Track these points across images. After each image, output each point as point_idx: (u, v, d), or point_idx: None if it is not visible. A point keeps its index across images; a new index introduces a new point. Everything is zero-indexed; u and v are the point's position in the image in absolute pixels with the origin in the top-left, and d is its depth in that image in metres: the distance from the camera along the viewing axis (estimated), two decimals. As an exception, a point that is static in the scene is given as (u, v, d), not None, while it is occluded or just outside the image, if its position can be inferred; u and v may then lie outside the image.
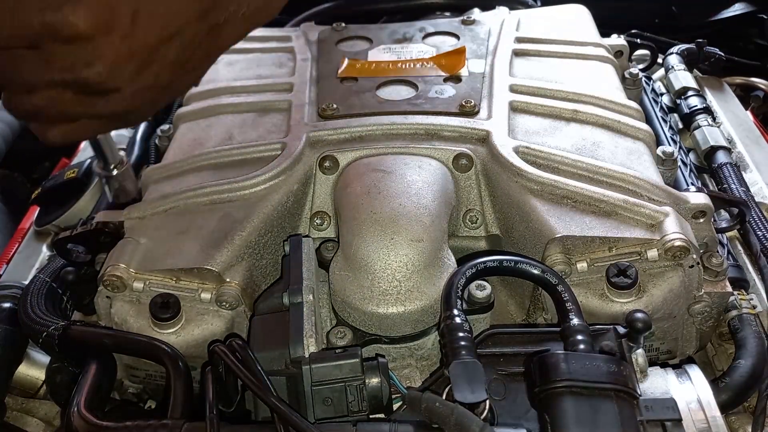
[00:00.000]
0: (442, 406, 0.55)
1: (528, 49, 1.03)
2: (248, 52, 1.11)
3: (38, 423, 0.82)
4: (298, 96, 0.96)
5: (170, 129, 1.04)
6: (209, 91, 1.02)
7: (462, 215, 0.82)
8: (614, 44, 1.09)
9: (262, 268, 0.78)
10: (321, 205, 0.83)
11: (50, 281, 0.82)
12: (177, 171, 0.87)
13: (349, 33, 1.13)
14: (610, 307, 0.71)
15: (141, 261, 0.74)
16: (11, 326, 0.79)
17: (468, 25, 1.11)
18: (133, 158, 1.09)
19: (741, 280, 0.81)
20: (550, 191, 0.76)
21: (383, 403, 0.61)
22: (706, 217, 0.76)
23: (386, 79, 0.98)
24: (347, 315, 0.70)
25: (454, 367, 0.58)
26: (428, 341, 0.71)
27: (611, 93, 0.93)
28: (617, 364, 0.59)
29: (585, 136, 0.85)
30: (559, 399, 0.56)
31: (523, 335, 0.66)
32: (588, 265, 0.71)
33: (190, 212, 0.80)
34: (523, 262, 0.68)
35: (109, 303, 0.74)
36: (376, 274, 0.69)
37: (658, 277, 0.71)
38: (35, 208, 1.06)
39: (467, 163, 0.82)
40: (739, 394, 0.70)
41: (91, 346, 0.71)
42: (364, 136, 0.86)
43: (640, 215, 0.73)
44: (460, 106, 0.89)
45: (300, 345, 0.63)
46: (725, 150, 1.00)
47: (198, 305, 0.73)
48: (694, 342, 0.78)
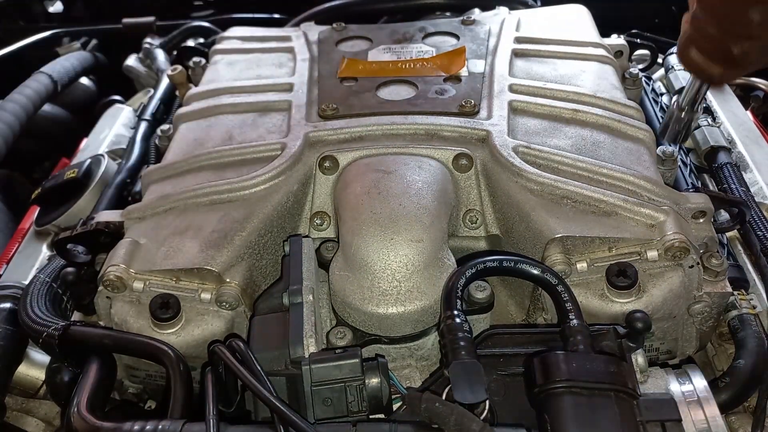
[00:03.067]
0: (441, 406, 0.55)
1: (528, 50, 1.03)
2: (248, 52, 1.11)
3: (38, 423, 0.82)
4: (298, 96, 0.96)
5: (170, 129, 1.04)
6: (209, 91, 1.02)
7: (462, 215, 0.82)
8: (614, 44, 1.09)
9: (262, 268, 0.78)
10: (321, 205, 0.83)
11: (50, 281, 0.82)
12: (177, 171, 0.87)
13: (349, 33, 1.13)
14: (610, 308, 0.71)
15: (141, 261, 0.74)
16: (11, 326, 0.79)
17: (468, 25, 1.11)
18: (133, 158, 1.09)
19: (741, 280, 0.81)
20: (550, 191, 0.76)
21: (383, 403, 0.61)
22: (706, 217, 0.76)
23: (386, 79, 0.98)
24: (347, 315, 0.70)
25: (454, 367, 0.58)
26: (428, 341, 0.71)
27: (611, 93, 0.93)
28: (617, 364, 0.59)
29: (585, 137, 0.85)
30: (559, 399, 0.56)
31: (523, 335, 0.66)
32: (588, 265, 0.71)
33: (190, 212, 0.80)
34: (523, 262, 0.68)
35: (109, 303, 0.74)
36: (376, 274, 0.69)
37: (658, 277, 0.71)
38: (35, 208, 1.07)
39: (467, 163, 0.82)
40: (739, 394, 0.70)
41: (91, 347, 0.71)
42: (364, 136, 0.86)
43: (640, 215, 0.73)
44: (460, 106, 0.89)
45: (300, 345, 0.63)
46: (725, 150, 1.00)
47: (198, 305, 0.73)
48: (694, 342, 0.78)
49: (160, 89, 1.30)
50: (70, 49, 1.59)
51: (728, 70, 0.71)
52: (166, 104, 1.27)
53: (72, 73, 1.46)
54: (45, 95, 1.32)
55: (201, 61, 1.16)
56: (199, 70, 1.14)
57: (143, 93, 1.42)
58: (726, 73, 0.72)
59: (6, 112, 1.17)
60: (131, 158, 1.09)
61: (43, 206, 1.05)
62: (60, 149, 1.34)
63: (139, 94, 1.44)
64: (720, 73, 0.72)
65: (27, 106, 1.23)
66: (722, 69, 0.71)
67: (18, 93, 1.25)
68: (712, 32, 0.68)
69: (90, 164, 1.07)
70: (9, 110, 1.18)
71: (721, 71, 0.71)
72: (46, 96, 1.32)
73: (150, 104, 1.26)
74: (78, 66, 1.49)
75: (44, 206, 1.05)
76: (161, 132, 1.07)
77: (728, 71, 0.72)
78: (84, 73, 1.54)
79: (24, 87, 1.28)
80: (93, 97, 1.61)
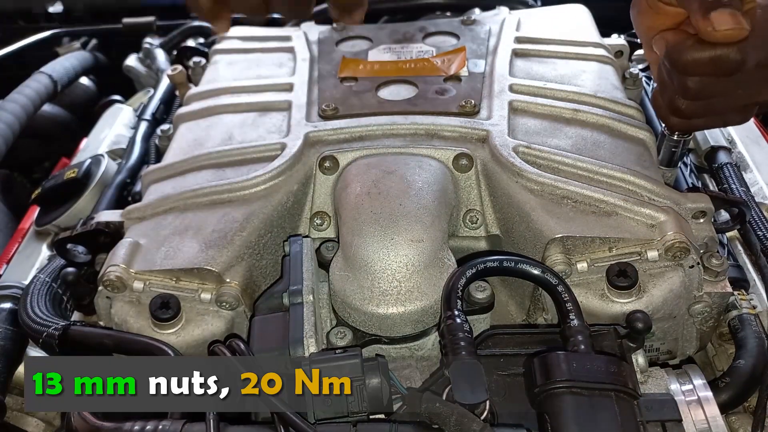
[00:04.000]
0: (442, 406, 0.56)
1: (528, 49, 1.03)
2: (248, 52, 1.11)
3: (38, 423, 0.82)
4: (298, 96, 0.96)
5: (170, 129, 1.04)
6: (209, 91, 1.02)
7: (462, 215, 0.82)
8: (614, 44, 1.08)
9: (262, 268, 0.78)
10: (321, 205, 0.83)
11: (50, 281, 0.82)
12: (177, 171, 0.87)
13: (349, 33, 1.13)
14: (610, 308, 0.71)
15: (141, 261, 0.74)
16: (11, 326, 0.79)
17: (468, 25, 1.11)
18: (133, 158, 1.09)
19: (741, 280, 0.81)
20: (551, 191, 0.76)
21: (383, 403, 0.61)
22: (706, 217, 0.76)
23: (386, 79, 0.98)
24: (347, 315, 0.70)
25: (454, 367, 0.58)
26: (428, 341, 0.71)
27: (612, 93, 0.93)
28: (617, 364, 0.59)
29: (585, 137, 0.85)
30: (559, 399, 0.56)
31: (523, 336, 0.66)
32: (588, 266, 0.71)
33: (190, 212, 0.80)
34: (524, 263, 0.68)
35: (110, 303, 0.74)
36: (376, 274, 0.69)
37: (658, 278, 0.71)
38: (35, 208, 1.07)
39: (467, 163, 0.82)
40: (739, 394, 0.70)
41: (91, 347, 0.71)
42: (364, 136, 0.86)
43: (641, 215, 0.73)
44: (460, 106, 0.89)
45: (300, 345, 0.63)
46: (725, 150, 1.00)
47: (198, 306, 0.73)
48: (694, 342, 0.78)
49: (160, 89, 1.30)
50: (70, 49, 1.59)
51: (681, 121, 0.77)
52: (166, 104, 1.27)
53: (72, 73, 1.45)
54: (45, 95, 1.31)
55: (201, 61, 1.16)
56: (199, 70, 1.14)
57: (143, 93, 1.41)
58: (680, 122, 0.77)
59: (6, 112, 1.17)
60: (131, 158, 1.09)
61: (43, 206, 1.05)
62: (60, 149, 1.34)
63: (139, 94, 1.44)
64: (675, 123, 0.78)
65: (27, 106, 1.23)
66: (678, 119, 0.76)
67: (18, 93, 1.25)
68: (669, 85, 0.74)
69: (90, 164, 1.07)
70: (9, 110, 1.18)
71: (677, 121, 0.77)
72: (46, 96, 1.32)
73: (150, 104, 1.26)
74: (78, 66, 1.49)
75: (44, 206, 1.05)
76: (161, 132, 1.07)
77: (682, 123, 0.77)
78: (84, 73, 1.54)
79: (24, 87, 1.28)
80: (93, 97, 1.61)
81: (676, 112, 0.75)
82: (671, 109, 0.75)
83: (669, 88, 0.74)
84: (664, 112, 0.78)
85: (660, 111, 0.79)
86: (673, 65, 0.70)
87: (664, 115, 0.78)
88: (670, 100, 0.75)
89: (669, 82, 0.73)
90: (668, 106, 0.76)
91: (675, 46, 0.70)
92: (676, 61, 0.69)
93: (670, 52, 0.70)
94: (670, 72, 0.72)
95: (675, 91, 0.73)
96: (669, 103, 0.75)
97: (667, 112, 0.77)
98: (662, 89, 0.76)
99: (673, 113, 0.76)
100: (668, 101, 0.75)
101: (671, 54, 0.70)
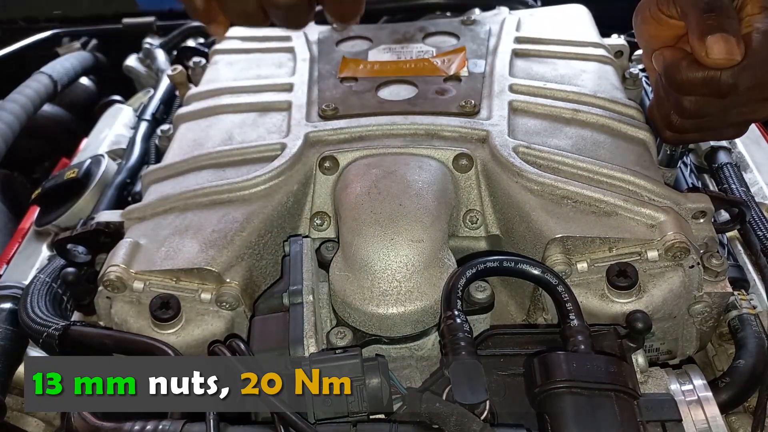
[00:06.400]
0: (442, 406, 0.56)
1: (528, 49, 1.03)
2: (248, 52, 1.11)
3: (38, 423, 0.82)
4: (298, 96, 0.96)
5: (170, 129, 1.04)
6: (209, 91, 1.02)
7: (462, 215, 0.82)
8: (614, 44, 1.09)
9: (262, 269, 0.78)
10: (321, 206, 0.83)
11: (50, 281, 0.82)
12: (177, 171, 0.87)
13: (349, 33, 1.13)
14: (610, 308, 0.71)
15: (141, 261, 0.74)
16: (11, 326, 0.79)
17: (468, 25, 1.11)
18: (134, 158, 1.09)
19: (741, 280, 0.81)
20: (551, 192, 0.76)
21: (383, 403, 0.61)
22: (706, 218, 0.76)
23: (386, 79, 0.98)
24: (347, 315, 0.70)
25: (454, 367, 0.58)
26: (428, 341, 0.71)
27: (612, 93, 0.93)
28: (617, 364, 0.59)
29: (585, 137, 0.85)
30: (559, 399, 0.56)
31: (523, 336, 0.66)
32: (588, 266, 0.71)
33: (190, 212, 0.80)
34: (524, 263, 0.68)
35: (110, 303, 0.74)
36: (376, 274, 0.69)
37: (658, 278, 0.71)
38: (35, 208, 1.07)
39: (467, 163, 0.82)
40: (739, 394, 0.70)
41: (91, 347, 0.71)
42: (364, 136, 0.86)
43: (640, 215, 0.73)
44: (460, 106, 0.89)
45: (300, 345, 0.63)
46: (725, 150, 1.00)
47: (198, 306, 0.73)
48: (694, 342, 0.78)
49: (160, 89, 1.30)
50: (70, 49, 1.59)
51: (675, 135, 0.79)
52: (166, 104, 1.27)
53: (72, 73, 1.46)
54: (45, 95, 1.31)
55: (201, 61, 1.16)
56: (199, 70, 1.14)
57: (143, 93, 1.41)
58: (673, 136, 0.79)
59: (6, 112, 1.17)
60: (131, 158, 1.09)
61: (43, 206, 1.05)
62: (60, 149, 1.34)
63: (139, 94, 1.44)
64: (669, 137, 0.80)
65: (27, 106, 1.23)
66: (672, 133, 0.78)
67: (18, 93, 1.25)
68: (665, 101, 0.76)
69: (90, 164, 1.07)
70: (9, 110, 1.18)
71: (671, 135, 0.79)
72: (46, 96, 1.32)
73: (150, 104, 1.26)
74: (78, 66, 1.49)
75: (44, 206, 1.05)
76: (161, 132, 1.07)
77: (675, 137, 0.79)
78: (84, 73, 1.54)
79: (24, 87, 1.28)
80: (93, 97, 1.61)
81: (670, 126, 0.77)
82: (666, 124, 0.77)
83: (665, 104, 0.76)
84: (659, 126, 0.80)
85: (655, 123, 0.81)
86: (669, 83, 0.72)
87: (659, 127, 0.80)
88: (666, 115, 0.76)
89: (665, 99, 0.75)
90: (663, 120, 0.77)
91: (671, 64, 0.71)
92: (672, 79, 0.71)
93: (667, 69, 0.71)
94: (667, 89, 0.73)
95: (670, 107, 0.75)
96: (664, 117, 0.77)
97: (662, 126, 0.79)
98: (659, 104, 0.78)
99: (667, 127, 0.78)
100: (663, 116, 0.77)
101: (668, 72, 0.71)
